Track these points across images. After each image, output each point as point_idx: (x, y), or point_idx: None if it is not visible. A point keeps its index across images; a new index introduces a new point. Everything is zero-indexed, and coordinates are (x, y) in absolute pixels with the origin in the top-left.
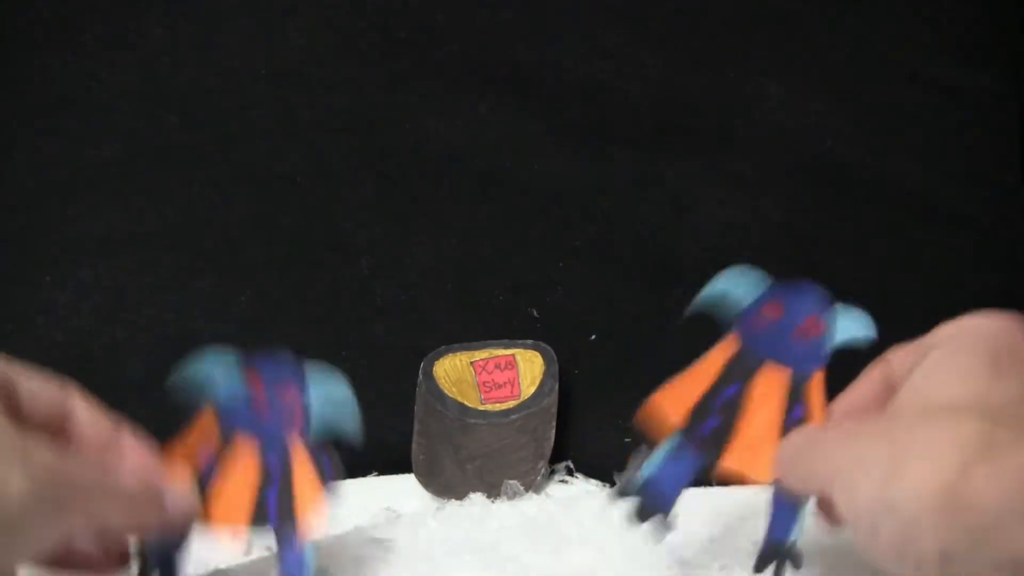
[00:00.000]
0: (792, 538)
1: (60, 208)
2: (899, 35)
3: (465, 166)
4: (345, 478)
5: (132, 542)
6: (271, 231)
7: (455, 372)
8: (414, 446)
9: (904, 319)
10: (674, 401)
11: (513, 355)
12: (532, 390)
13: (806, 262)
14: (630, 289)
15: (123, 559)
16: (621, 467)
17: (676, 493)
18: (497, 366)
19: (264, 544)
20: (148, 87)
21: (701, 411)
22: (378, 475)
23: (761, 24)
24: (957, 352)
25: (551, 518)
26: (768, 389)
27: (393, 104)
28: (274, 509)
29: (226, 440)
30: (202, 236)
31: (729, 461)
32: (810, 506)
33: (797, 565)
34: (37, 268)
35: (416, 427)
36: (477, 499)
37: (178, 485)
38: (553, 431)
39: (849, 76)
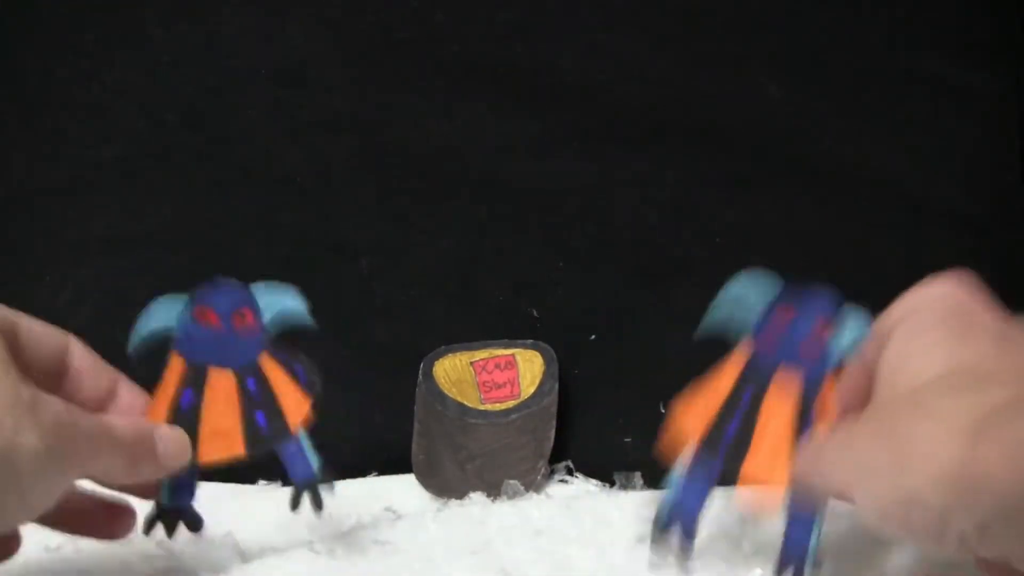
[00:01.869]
0: (811, 546)
1: (60, 208)
2: (899, 35)
3: (465, 166)
4: (321, 388)
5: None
6: (271, 231)
7: (455, 372)
8: (414, 446)
9: None
10: (691, 413)
11: (513, 355)
12: (532, 390)
13: (806, 262)
14: (630, 289)
15: (124, 516)
16: (621, 467)
17: (700, 507)
18: (497, 366)
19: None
20: (148, 87)
21: (720, 421)
22: (378, 475)
23: (761, 24)
24: (920, 328)
25: (551, 518)
26: (781, 395)
27: (393, 104)
28: (265, 426)
29: (200, 377)
30: (202, 236)
31: (748, 469)
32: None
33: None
34: (37, 268)
35: (416, 427)
36: (477, 499)
37: (170, 434)
38: (553, 431)
39: (849, 76)
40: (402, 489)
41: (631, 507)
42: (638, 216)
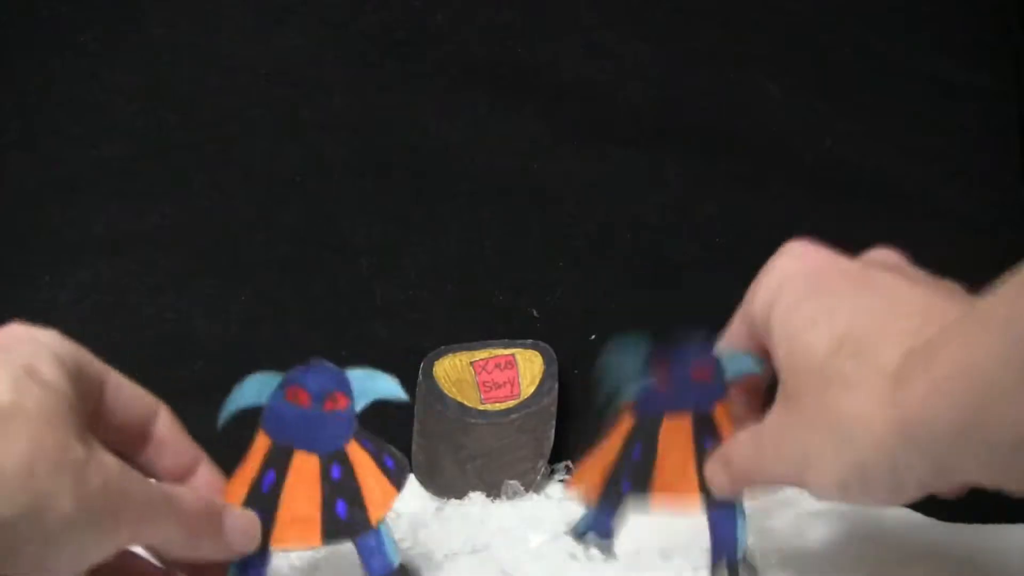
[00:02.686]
0: (739, 537)
1: (60, 208)
2: (899, 34)
3: (465, 166)
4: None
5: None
6: (271, 231)
7: (455, 372)
8: (414, 446)
9: None
10: (585, 478)
11: (513, 355)
12: (532, 390)
13: None
14: (630, 289)
15: None
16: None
17: (611, 525)
18: (497, 366)
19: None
20: (148, 87)
21: (614, 478)
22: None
23: (761, 24)
24: (792, 302)
25: (551, 518)
26: (674, 436)
27: (393, 104)
28: (345, 517)
29: (284, 459)
30: (202, 236)
31: (655, 501)
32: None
33: (752, 571)
34: (37, 268)
35: (416, 427)
36: (477, 499)
37: (240, 514)
38: (553, 431)
39: (849, 76)
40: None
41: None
42: (638, 216)
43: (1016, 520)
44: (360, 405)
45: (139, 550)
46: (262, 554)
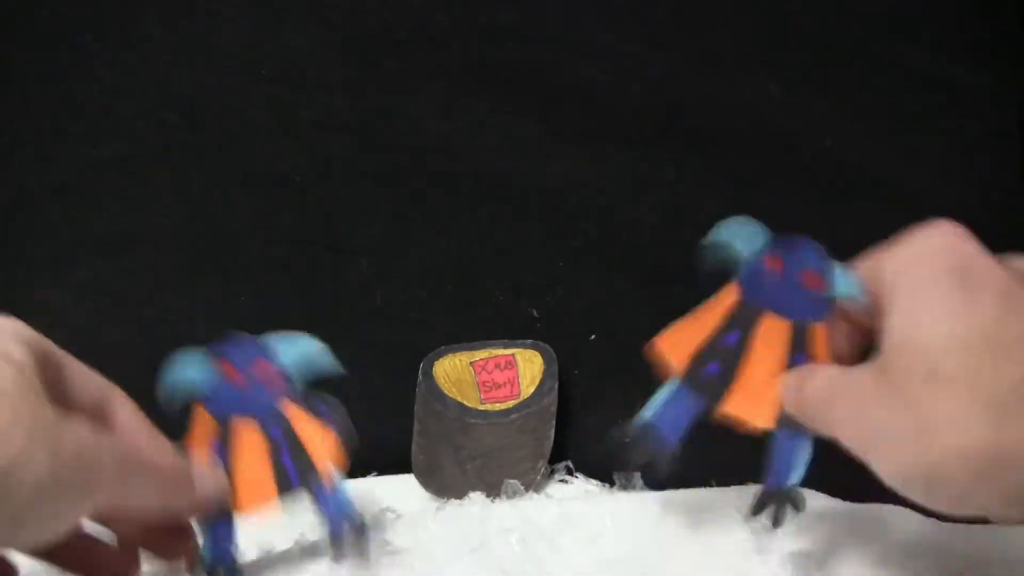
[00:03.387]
0: (794, 481)
1: (60, 208)
2: (899, 34)
3: (465, 166)
4: (350, 430)
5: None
6: (271, 231)
7: (455, 372)
8: (414, 446)
9: None
10: (675, 346)
11: (513, 355)
12: (532, 390)
13: None
14: (630, 289)
15: (132, 567)
16: (621, 467)
17: (676, 436)
18: (497, 366)
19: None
20: (148, 87)
21: (702, 357)
22: (378, 475)
23: (761, 24)
24: (923, 283)
25: (551, 518)
26: (770, 338)
27: (393, 104)
28: (293, 470)
29: (225, 429)
30: (202, 236)
31: (729, 406)
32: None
33: (799, 508)
34: (37, 268)
35: (416, 427)
36: (477, 499)
37: (206, 467)
38: (553, 431)
39: (849, 76)
40: (402, 489)
41: (631, 507)
42: (638, 216)
43: None
44: (284, 365)
45: (94, 531)
46: (228, 523)
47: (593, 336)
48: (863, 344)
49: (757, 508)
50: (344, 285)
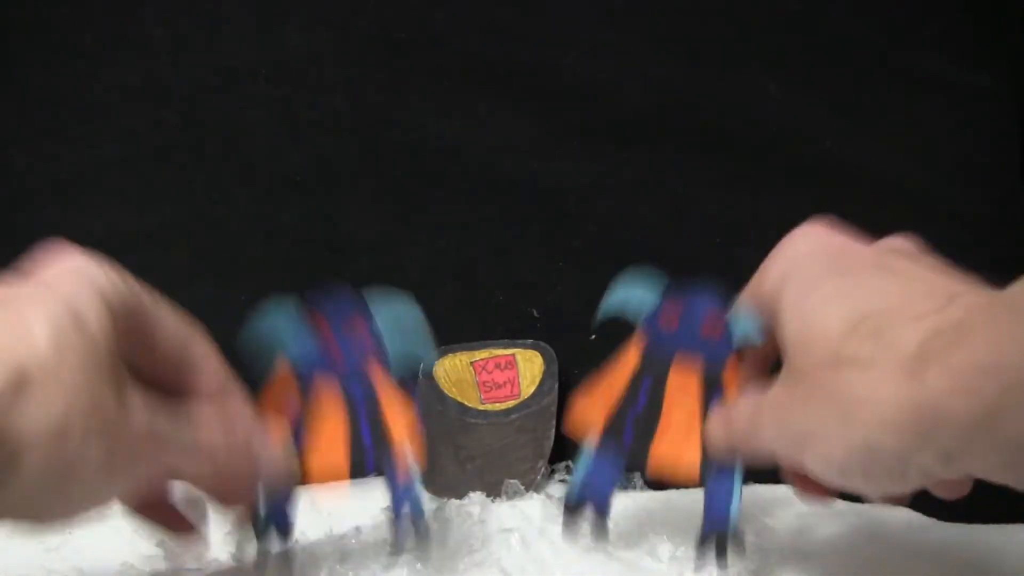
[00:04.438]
0: (733, 520)
1: (60, 208)
2: (899, 34)
3: (465, 166)
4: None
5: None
6: (271, 231)
7: (455, 372)
8: None
9: None
10: (587, 415)
11: (513, 355)
12: (532, 390)
13: None
14: None
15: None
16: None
17: (609, 494)
18: (497, 366)
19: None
20: (148, 87)
21: (617, 421)
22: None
23: (761, 24)
24: (807, 281)
25: (551, 518)
26: (683, 384)
27: (393, 104)
28: (370, 444)
29: (307, 389)
30: (202, 236)
31: (653, 463)
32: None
33: (739, 545)
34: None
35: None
36: (477, 499)
37: (273, 444)
38: (553, 431)
39: (849, 76)
40: None
41: (631, 507)
42: (638, 216)
43: (1016, 520)
44: (378, 327)
45: None
46: (288, 492)
47: (593, 336)
48: (772, 363)
49: (701, 554)
50: (344, 285)
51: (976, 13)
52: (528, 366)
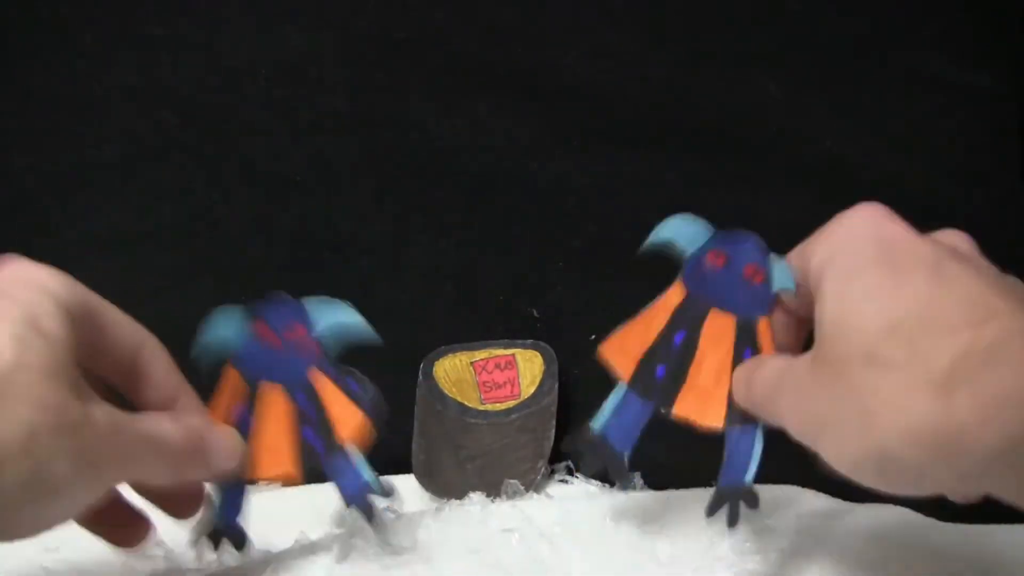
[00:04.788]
0: (749, 478)
1: (60, 208)
2: (899, 35)
3: (465, 166)
4: (380, 409)
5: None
6: (271, 231)
7: (455, 372)
8: (414, 446)
9: None
10: (621, 351)
11: (513, 355)
12: (532, 390)
13: None
14: (630, 289)
15: (139, 526)
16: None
17: (629, 445)
18: (497, 366)
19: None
20: (148, 87)
21: (649, 360)
22: (378, 475)
23: (761, 24)
24: (852, 269)
25: (551, 518)
26: (716, 335)
27: (393, 104)
28: (318, 444)
29: (252, 392)
30: (202, 236)
31: (680, 408)
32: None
33: (753, 505)
34: None
35: (416, 427)
36: (477, 499)
37: (223, 436)
38: (553, 431)
39: (849, 76)
40: (402, 489)
41: (631, 507)
42: (638, 216)
43: (1016, 520)
44: (318, 332)
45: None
46: (240, 489)
47: (593, 336)
48: (806, 334)
49: (713, 507)
50: (344, 285)
51: (976, 13)
52: (528, 366)
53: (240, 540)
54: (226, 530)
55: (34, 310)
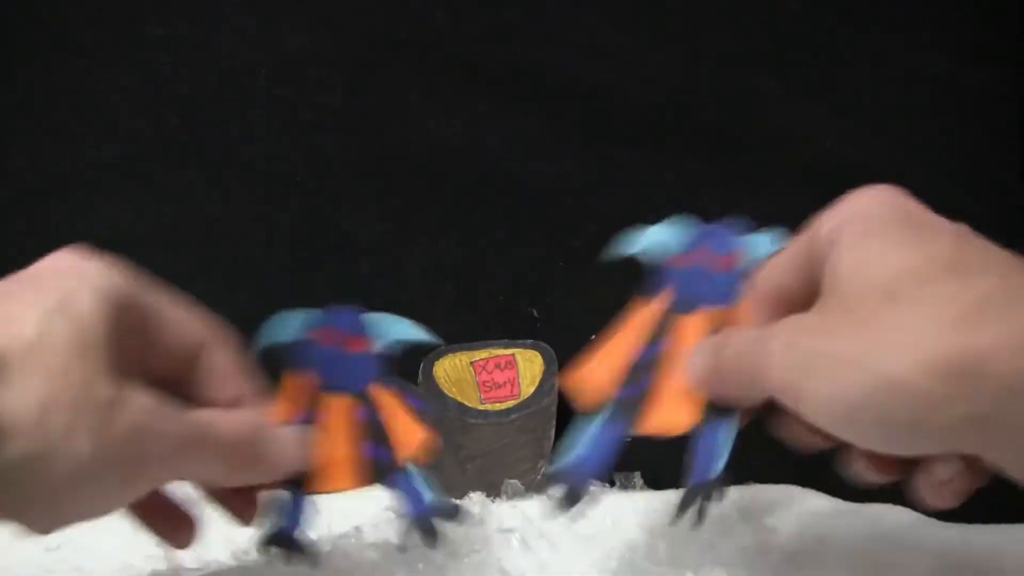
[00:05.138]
0: (718, 471)
1: (60, 208)
2: (899, 35)
3: (465, 166)
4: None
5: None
6: (271, 231)
7: (455, 372)
8: None
9: None
10: (595, 378)
11: (513, 355)
12: (532, 390)
13: None
14: (630, 289)
15: (185, 526)
16: (621, 467)
17: (605, 470)
18: (497, 366)
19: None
20: (148, 87)
21: (622, 382)
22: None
23: (761, 24)
24: (872, 229)
25: (551, 518)
26: (689, 336)
27: (393, 104)
28: (381, 459)
29: (315, 402)
30: (202, 236)
31: (650, 422)
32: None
33: (717, 499)
34: None
35: None
36: (477, 499)
37: (283, 436)
38: (553, 431)
39: (849, 76)
40: None
41: (631, 507)
42: (638, 216)
43: (1016, 520)
44: (381, 346)
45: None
46: (298, 499)
47: (593, 336)
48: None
49: (683, 506)
50: (344, 285)
51: (976, 13)
52: (528, 366)
53: (295, 547)
54: (282, 535)
55: (68, 293)
